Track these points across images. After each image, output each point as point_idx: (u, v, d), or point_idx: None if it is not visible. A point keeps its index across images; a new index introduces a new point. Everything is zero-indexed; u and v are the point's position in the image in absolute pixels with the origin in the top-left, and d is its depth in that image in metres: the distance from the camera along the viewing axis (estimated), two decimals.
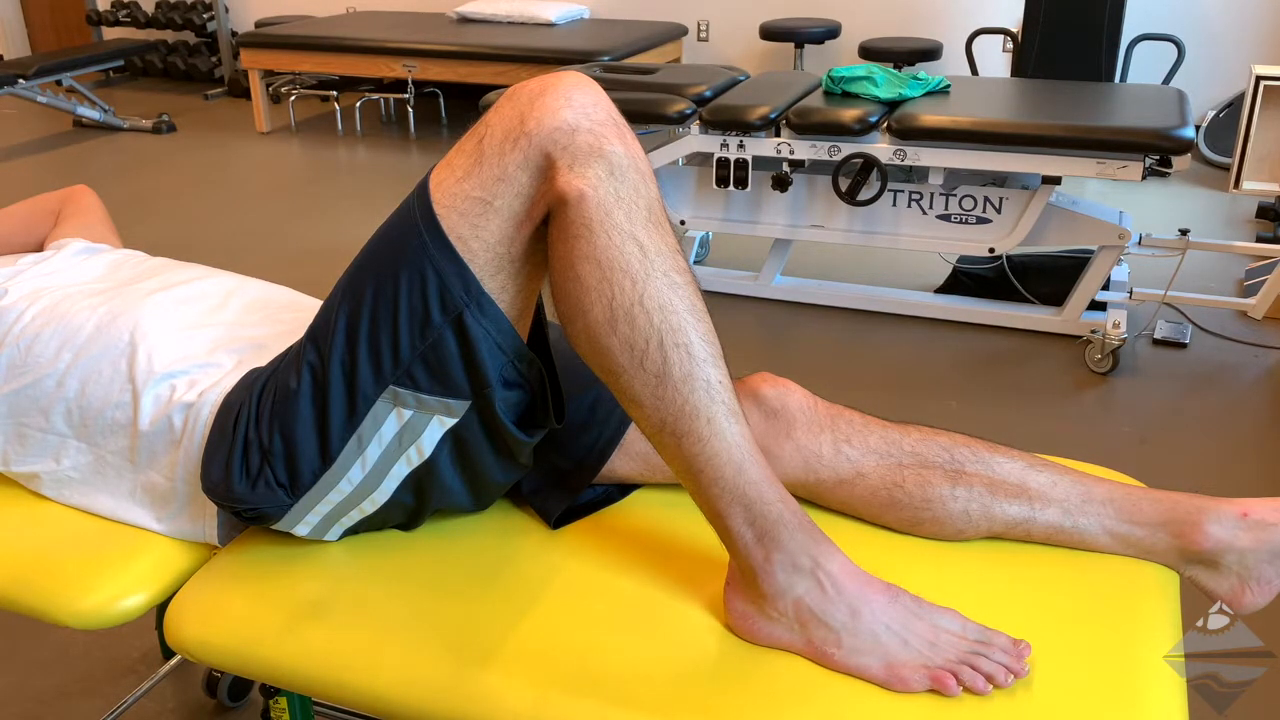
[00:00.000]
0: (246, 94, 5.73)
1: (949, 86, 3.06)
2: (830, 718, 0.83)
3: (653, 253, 0.89)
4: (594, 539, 1.06)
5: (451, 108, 5.55)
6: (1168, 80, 4.18)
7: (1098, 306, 2.85)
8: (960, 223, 2.89)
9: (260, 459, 0.99)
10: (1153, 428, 2.45)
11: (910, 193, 2.92)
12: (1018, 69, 4.22)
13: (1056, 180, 2.74)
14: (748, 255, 3.47)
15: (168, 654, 1.69)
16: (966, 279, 3.16)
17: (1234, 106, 4.44)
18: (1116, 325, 2.68)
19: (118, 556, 1.05)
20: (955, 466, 1.03)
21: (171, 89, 6.42)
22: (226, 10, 6.28)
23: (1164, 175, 4.25)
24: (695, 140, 2.96)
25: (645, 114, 2.93)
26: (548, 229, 0.92)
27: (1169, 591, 0.98)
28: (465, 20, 5.42)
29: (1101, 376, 2.67)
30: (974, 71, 4.43)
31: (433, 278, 0.92)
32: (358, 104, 5.57)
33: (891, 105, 2.91)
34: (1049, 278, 3.03)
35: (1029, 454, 1.06)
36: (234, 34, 6.22)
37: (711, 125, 2.91)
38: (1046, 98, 2.99)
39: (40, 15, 6.99)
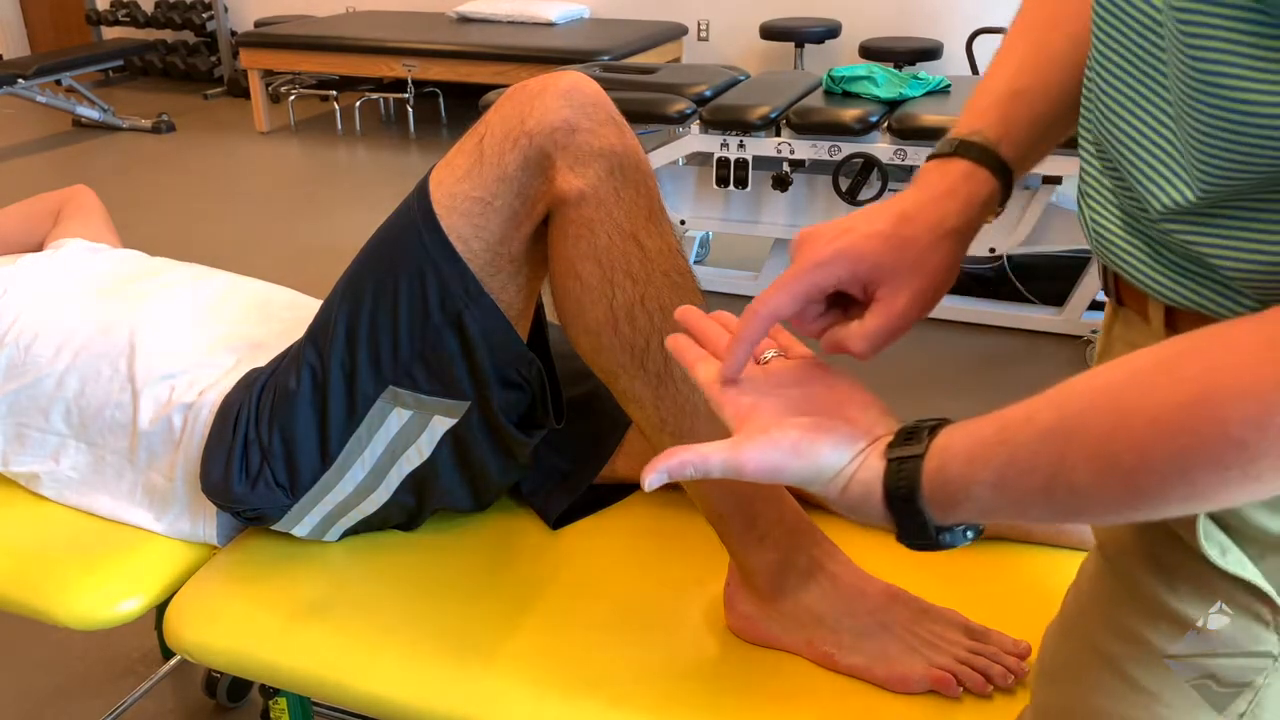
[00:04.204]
0: (246, 94, 5.73)
1: (949, 86, 3.06)
2: (831, 718, 0.83)
3: (653, 252, 0.89)
4: (594, 539, 1.06)
5: (451, 107, 5.54)
6: None
7: (1098, 306, 2.84)
8: None
9: (260, 459, 0.99)
10: None
11: None
12: None
13: (1057, 180, 2.73)
14: (748, 255, 3.47)
15: (167, 654, 1.69)
16: (966, 279, 3.16)
17: None
18: None
19: (117, 557, 1.05)
20: None
21: (171, 89, 6.42)
22: (226, 10, 6.27)
23: None
24: (695, 140, 2.96)
25: (645, 114, 2.93)
26: (548, 228, 0.92)
27: None
28: (465, 20, 5.42)
29: None
30: (974, 71, 4.42)
31: (432, 278, 0.92)
32: (357, 104, 5.57)
33: (892, 105, 2.91)
34: (1049, 277, 3.03)
35: None
36: (234, 33, 6.21)
37: (711, 125, 2.91)
38: None
39: (40, 15, 6.99)
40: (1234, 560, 0.54)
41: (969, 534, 0.58)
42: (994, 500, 0.53)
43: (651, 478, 0.60)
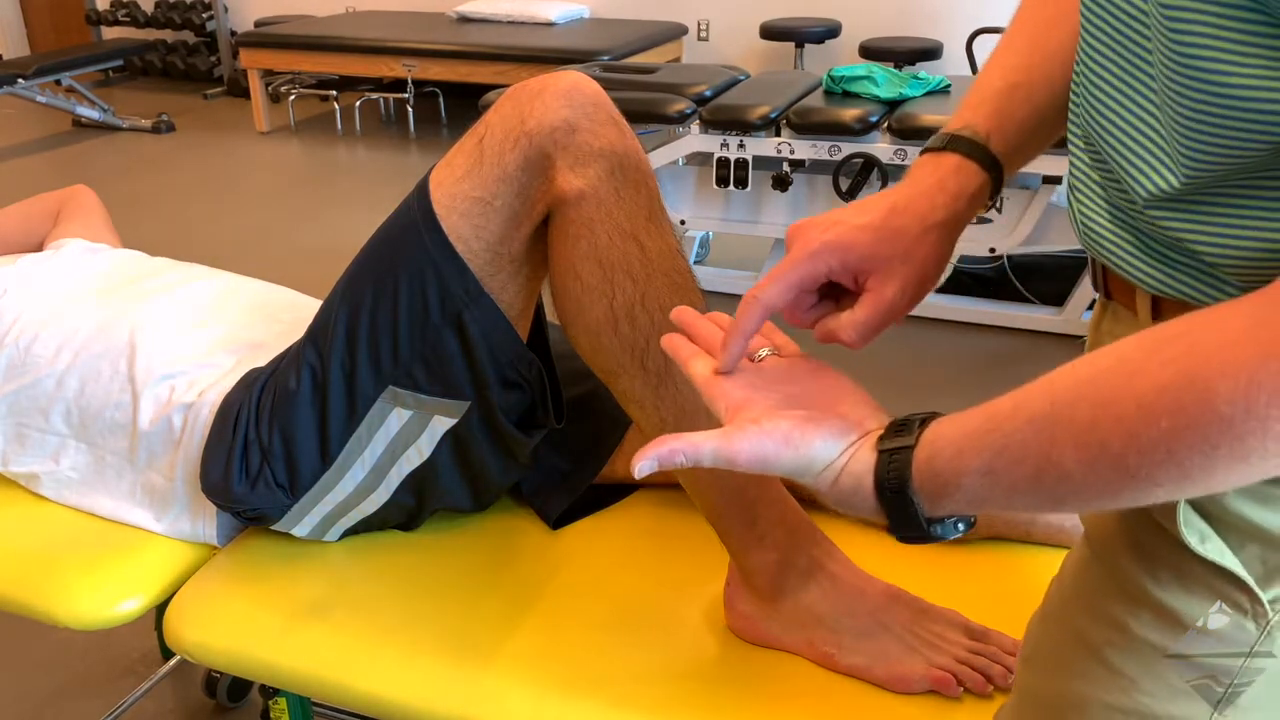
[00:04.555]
0: (246, 94, 5.73)
1: (949, 86, 3.05)
2: (831, 718, 0.83)
3: (653, 252, 0.89)
4: (594, 539, 1.06)
5: (451, 107, 5.54)
6: None
7: None
8: None
9: (260, 459, 0.99)
10: None
11: None
12: None
13: (1057, 180, 2.74)
14: (748, 255, 3.47)
15: (167, 654, 1.69)
16: (967, 279, 3.16)
17: None
18: None
19: (117, 557, 1.05)
20: None
21: (171, 89, 6.41)
22: (226, 10, 6.27)
23: None
24: (695, 140, 2.96)
25: (645, 114, 2.93)
26: (548, 228, 0.92)
27: None
28: (465, 20, 5.42)
29: None
30: (974, 71, 4.42)
31: (432, 278, 0.92)
32: (357, 104, 5.56)
33: (892, 105, 2.91)
34: (1049, 277, 3.03)
35: None
36: (233, 33, 6.21)
37: (711, 125, 2.91)
38: None
39: (40, 15, 6.98)
40: (1213, 548, 0.55)
41: (960, 525, 0.58)
42: (984, 490, 0.53)
43: (642, 464, 0.60)
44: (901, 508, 0.57)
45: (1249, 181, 0.49)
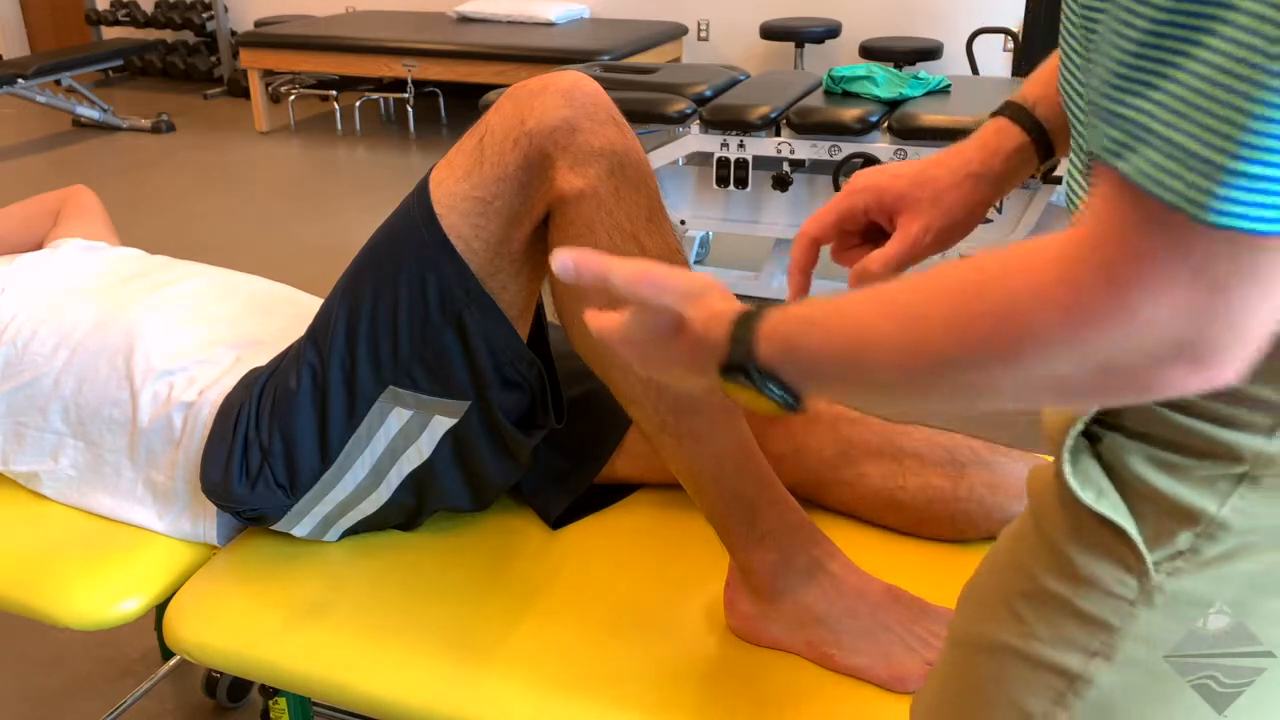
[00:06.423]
0: (246, 93, 5.73)
1: (949, 86, 3.06)
2: (831, 718, 0.83)
3: (654, 252, 0.89)
4: (594, 539, 1.06)
5: (451, 107, 5.54)
6: None
7: None
8: None
9: (260, 459, 0.99)
10: None
11: None
12: (1018, 69, 4.22)
13: (1057, 180, 2.74)
14: (748, 255, 3.47)
15: (167, 654, 1.68)
16: None
17: None
18: None
19: (117, 557, 1.05)
20: (956, 467, 1.03)
21: (171, 88, 6.41)
22: (226, 10, 6.27)
23: None
24: (695, 140, 2.96)
25: (645, 114, 2.93)
26: (548, 228, 0.92)
27: None
28: (465, 20, 5.42)
29: None
30: (974, 71, 4.42)
31: (432, 278, 0.92)
32: (357, 104, 5.56)
33: (892, 105, 2.91)
34: None
35: (1030, 454, 1.06)
36: (233, 33, 6.21)
37: (711, 125, 2.91)
38: None
39: (40, 15, 6.98)
40: (1107, 504, 0.55)
41: (773, 388, 0.58)
42: (805, 339, 0.56)
43: (563, 259, 0.63)
44: (745, 334, 0.59)
45: None
